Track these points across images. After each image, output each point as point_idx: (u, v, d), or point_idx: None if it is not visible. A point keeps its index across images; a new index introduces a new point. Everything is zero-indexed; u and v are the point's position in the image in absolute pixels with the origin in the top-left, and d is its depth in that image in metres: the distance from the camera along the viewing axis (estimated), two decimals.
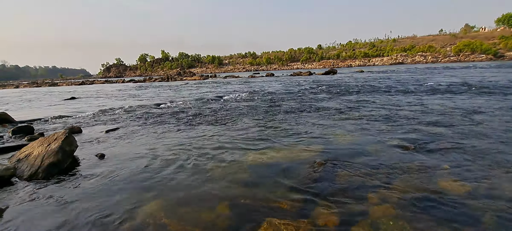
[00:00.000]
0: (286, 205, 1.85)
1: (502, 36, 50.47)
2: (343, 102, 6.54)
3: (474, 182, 2.08)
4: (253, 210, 1.82)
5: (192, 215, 1.78)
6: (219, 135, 3.82)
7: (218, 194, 2.05)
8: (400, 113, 4.76)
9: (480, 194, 1.89)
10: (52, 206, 1.97)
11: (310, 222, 1.65)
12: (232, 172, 2.48)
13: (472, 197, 1.86)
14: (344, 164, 2.55)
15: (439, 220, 1.62)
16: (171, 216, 1.78)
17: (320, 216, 1.71)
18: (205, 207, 1.88)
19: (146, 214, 1.81)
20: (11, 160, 2.87)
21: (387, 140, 3.22)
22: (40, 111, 7.61)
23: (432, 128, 3.70)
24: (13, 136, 4.21)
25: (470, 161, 2.48)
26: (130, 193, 2.14)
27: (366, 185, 2.10)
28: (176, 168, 2.61)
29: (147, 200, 2.00)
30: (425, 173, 2.26)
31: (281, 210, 1.80)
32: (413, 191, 1.97)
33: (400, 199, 1.87)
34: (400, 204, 1.81)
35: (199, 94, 10.50)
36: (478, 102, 5.56)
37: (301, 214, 1.74)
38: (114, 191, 2.19)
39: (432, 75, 14.82)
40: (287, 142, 3.36)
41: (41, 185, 2.34)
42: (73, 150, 2.95)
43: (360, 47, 71.03)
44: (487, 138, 3.11)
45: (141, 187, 2.23)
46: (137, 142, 3.68)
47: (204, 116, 5.47)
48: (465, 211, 1.71)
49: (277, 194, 2.03)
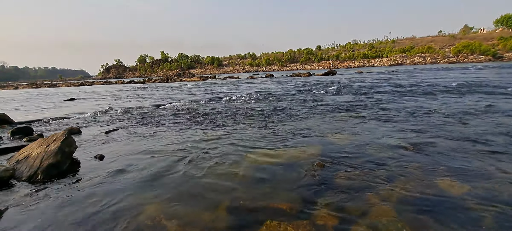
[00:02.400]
0: (286, 206, 1.85)
1: (501, 37, 50.65)
2: (342, 103, 6.54)
3: (474, 182, 2.08)
4: (253, 211, 1.82)
5: (192, 217, 1.78)
6: (219, 136, 3.82)
7: (217, 195, 2.05)
8: (399, 114, 4.77)
9: (479, 195, 1.90)
10: (51, 208, 1.97)
11: (310, 223, 1.65)
12: (232, 173, 2.48)
13: (471, 197, 1.87)
14: (343, 164, 2.55)
15: (438, 221, 1.62)
16: (171, 217, 1.78)
17: (319, 217, 1.71)
18: (205, 208, 1.88)
19: (145, 215, 1.81)
20: (10, 161, 2.86)
21: (387, 141, 3.23)
22: (39, 113, 7.60)
23: (431, 128, 3.70)
24: (12, 137, 4.20)
25: (470, 162, 2.48)
26: (130, 194, 2.14)
27: (366, 185, 2.10)
28: (176, 169, 2.61)
29: (147, 201, 2.00)
30: (424, 174, 2.27)
31: (280, 211, 1.80)
32: (413, 192, 1.97)
33: (400, 200, 1.87)
34: (399, 204, 1.81)
35: (199, 96, 10.50)
36: (478, 103, 5.58)
37: (301, 215, 1.74)
38: (114, 192, 2.18)
39: (431, 76, 14.85)
40: (286, 142, 3.36)
41: (40, 186, 2.33)
42: (73, 151, 2.95)
43: (359, 48, 71.18)
44: (487, 139, 3.12)
45: (141, 188, 2.23)
46: (136, 142, 3.68)
47: (204, 116, 5.47)
48: (464, 211, 1.71)
49: (277, 195, 2.03)
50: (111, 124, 5.14)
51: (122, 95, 12.46)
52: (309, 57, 70.32)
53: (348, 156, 2.77)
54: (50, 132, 4.65)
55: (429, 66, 36.68)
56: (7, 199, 2.13)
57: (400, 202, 1.84)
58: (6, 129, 4.90)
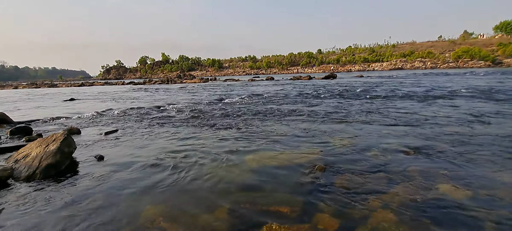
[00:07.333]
0: (286, 209, 1.84)
1: (500, 43, 50.81)
2: (342, 106, 6.54)
3: (475, 187, 2.07)
4: (252, 214, 1.80)
5: (191, 219, 1.76)
6: (219, 138, 3.81)
7: (217, 198, 2.04)
8: (400, 118, 4.77)
9: (480, 200, 1.88)
10: (49, 208, 1.95)
11: (310, 227, 1.63)
12: (232, 175, 2.47)
13: (472, 202, 1.85)
14: (344, 168, 2.53)
15: (439, 225, 1.61)
16: (170, 219, 1.76)
17: (320, 221, 1.69)
18: (204, 211, 1.87)
19: (144, 217, 1.79)
20: (9, 161, 2.84)
21: (388, 145, 3.21)
22: (39, 112, 7.59)
23: (432, 133, 3.70)
24: (11, 137, 4.19)
25: (471, 166, 2.47)
26: (129, 195, 2.12)
27: (366, 189, 2.09)
28: (175, 171, 2.60)
29: (146, 203, 1.98)
30: (425, 178, 2.25)
31: (280, 215, 1.78)
32: (414, 196, 1.95)
33: (401, 204, 1.85)
34: (400, 209, 1.80)
35: (199, 97, 10.50)
36: (479, 107, 5.57)
37: (301, 219, 1.73)
38: (113, 193, 2.17)
39: (432, 81, 14.88)
40: (287, 145, 3.35)
41: (38, 187, 2.32)
42: (72, 151, 2.93)
43: (359, 52, 71.28)
44: (488, 144, 3.11)
45: (140, 190, 2.21)
46: (136, 144, 3.66)
47: (204, 118, 5.46)
48: (465, 216, 1.70)
49: (277, 198, 2.01)
50: (111, 125, 5.12)
51: (122, 96, 12.46)
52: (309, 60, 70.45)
53: (349, 160, 2.75)
54: (49, 132, 4.63)
55: (429, 71, 36.78)
56: (4, 199, 2.11)
57: (401, 206, 1.82)
58: (5, 129, 4.88)
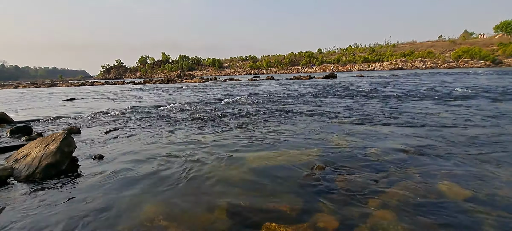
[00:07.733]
0: (285, 209, 1.84)
1: (501, 43, 50.75)
2: (342, 106, 6.54)
3: (474, 187, 2.07)
4: (252, 213, 1.80)
5: (191, 218, 1.77)
6: (218, 137, 3.81)
7: (216, 197, 2.04)
8: (399, 118, 4.76)
9: (480, 199, 1.88)
10: (49, 208, 1.95)
11: (310, 226, 1.63)
12: (231, 174, 2.47)
13: (472, 202, 1.85)
14: (343, 167, 2.54)
15: (438, 225, 1.61)
16: (169, 218, 1.76)
17: (319, 220, 1.69)
18: (204, 209, 1.87)
19: (144, 216, 1.80)
20: (9, 160, 2.84)
21: (387, 144, 3.22)
22: (39, 112, 7.59)
23: (432, 132, 3.70)
24: (11, 136, 4.19)
25: (470, 166, 2.47)
26: (129, 194, 2.12)
27: (366, 188, 2.09)
28: (175, 170, 2.60)
29: (145, 202, 1.99)
30: (425, 177, 2.25)
31: (280, 214, 1.78)
32: (413, 196, 1.96)
33: (400, 203, 1.86)
34: (399, 208, 1.80)
35: (199, 97, 10.50)
36: (479, 107, 5.57)
37: (301, 218, 1.73)
38: (112, 192, 2.17)
39: (432, 81, 14.87)
40: (286, 144, 3.35)
41: (38, 186, 2.32)
42: (72, 151, 2.93)
43: (360, 52, 71.22)
44: (487, 143, 3.11)
45: (140, 189, 2.22)
46: (136, 143, 3.67)
47: (203, 118, 5.46)
48: (465, 216, 1.70)
49: (276, 197, 2.01)
50: (111, 124, 5.12)
51: (122, 96, 12.46)
52: (309, 60, 70.43)
53: (349, 159, 2.76)
54: (49, 131, 4.63)
55: (429, 71, 36.77)
56: (4, 198, 2.12)
57: (400, 206, 1.83)
58: (5, 128, 4.88)
